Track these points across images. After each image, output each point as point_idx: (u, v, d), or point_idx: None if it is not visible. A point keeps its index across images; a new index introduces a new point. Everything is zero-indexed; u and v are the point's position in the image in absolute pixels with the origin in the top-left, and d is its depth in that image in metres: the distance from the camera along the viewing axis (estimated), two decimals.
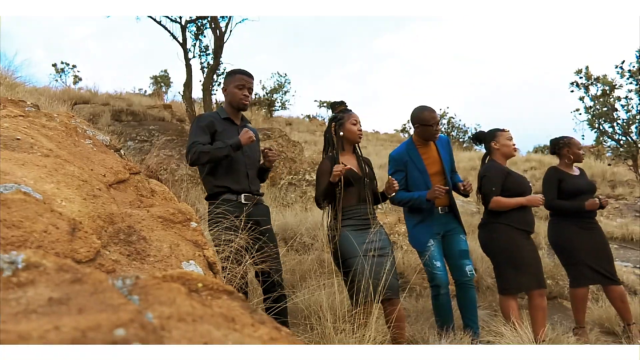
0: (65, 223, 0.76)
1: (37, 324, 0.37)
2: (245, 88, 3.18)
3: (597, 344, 3.97)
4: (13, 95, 4.39)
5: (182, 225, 1.10)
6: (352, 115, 3.36)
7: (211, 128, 3.08)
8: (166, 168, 7.36)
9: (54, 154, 1.08)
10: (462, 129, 24.32)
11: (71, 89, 14.27)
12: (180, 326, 0.45)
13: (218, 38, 9.43)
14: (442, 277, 3.55)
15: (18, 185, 0.78)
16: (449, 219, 3.70)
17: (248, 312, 0.59)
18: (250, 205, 3.05)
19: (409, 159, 3.69)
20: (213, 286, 0.64)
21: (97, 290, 0.46)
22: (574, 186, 4.06)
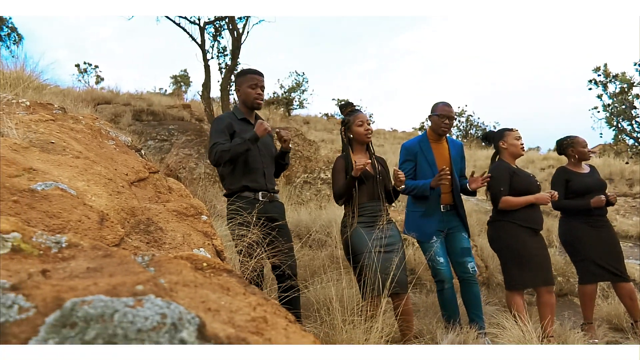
0: (95, 214, 0.92)
1: (81, 282, 0.52)
2: (257, 87, 3.26)
3: (605, 339, 4.04)
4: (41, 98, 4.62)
5: (194, 218, 1.25)
6: (357, 116, 3.46)
7: (230, 129, 3.19)
8: (185, 167, 7.58)
9: (84, 156, 1.24)
10: (480, 127, 24.17)
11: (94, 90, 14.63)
12: (184, 289, 0.59)
13: (235, 39, 9.63)
14: (446, 272, 3.66)
15: (56, 183, 0.94)
16: (452, 217, 3.80)
17: (242, 285, 0.74)
18: (267, 202, 3.19)
19: (419, 150, 3.80)
20: (215, 265, 0.79)
21: (122, 262, 0.60)
22: (582, 184, 4.11)
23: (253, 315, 0.60)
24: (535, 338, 2.97)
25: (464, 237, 3.78)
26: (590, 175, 4.21)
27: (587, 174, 4.21)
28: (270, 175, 3.32)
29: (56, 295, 0.47)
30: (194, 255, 0.77)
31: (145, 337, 0.44)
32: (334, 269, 4.46)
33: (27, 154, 1.07)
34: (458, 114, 24.47)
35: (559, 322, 4.16)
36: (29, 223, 0.78)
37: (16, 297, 0.47)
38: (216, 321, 0.53)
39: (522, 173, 3.84)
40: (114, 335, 0.43)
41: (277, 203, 3.33)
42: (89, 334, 0.43)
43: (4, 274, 0.54)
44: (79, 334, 0.43)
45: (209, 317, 0.53)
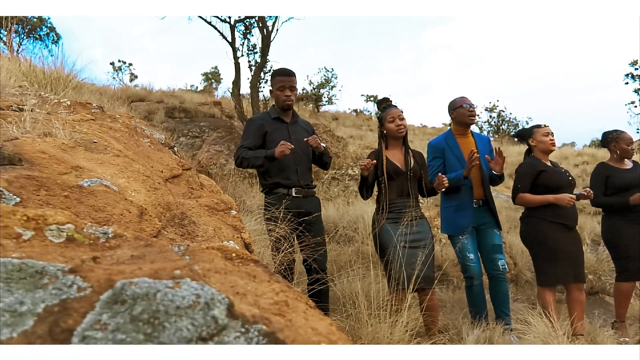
0: (136, 209, 1.01)
1: (127, 267, 0.60)
2: (286, 88, 3.40)
3: (636, 338, 3.99)
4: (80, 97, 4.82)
5: (224, 213, 1.34)
6: (389, 112, 3.51)
7: (261, 130, 3.37)
8: (216, 163, 7.75)
9: (123, 154, 1.34)
10: (512, 122, 23.72)
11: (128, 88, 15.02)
12: (216, 275, 0.67)
13: (265, 37, 9.76)
14: (475, 268, 3.68)
15: (100, 179, 1.04)
16: (483, 212, 3.80)
17: (268, 274, 0.81)
18: (300, 197, 3.33)
19: (446, 146, 3.84)
20: (244, 256, 0.86)
21: (162, 251, 0.69)
22: (622, 181, 4.04)
23: (276, 299, 0.67)
24: (560, 335, 2.97)
25: (495, 234, 3.78)
26: (631, 171, 4.10)
27: (629, 170, 4.12)
28: (304, 171, 3.42)
29: (108, 277, 0.55)
30: (224, 247, 0.85)
31: (183, 313, 0.52)
32: (360, 264, 4.53)
33: (73, 153, 1.17)
34: (489, 109, 24.07)
35: (589, 320, 4.12)
36: (78, 216, 0.87)
37: (75, 278, 0.56)
38: (243, 303, 0.61)
39: (551, 169, 3.79)
40: (156, 311, 0.51)
41: (312, 198, 3.44)
42: (136, 310, 0.51)
43: (61, 259, 0.63)
44: (127, 310, 0.51)
45: (237, 299, 0.61)
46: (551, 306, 3.60)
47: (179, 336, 0.50)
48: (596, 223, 7.73)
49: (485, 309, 3.77)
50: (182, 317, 0.51)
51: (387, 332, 2.90)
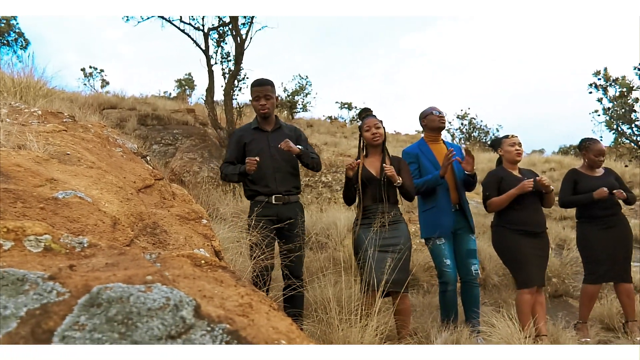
0: (109, 219, 1.06)
1: (103, 273, 0.66)
2: (260, 98, 3.52)
3: (597, 339, 4.14)
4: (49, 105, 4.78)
5: (195, 222, 1.39)
6: (366, 121, 3.65)
7: (240, 142, 3.54)
8: (189, 170, 7.74)
9: (96, 166, 1.39)
10: (483, 130, 24.14)
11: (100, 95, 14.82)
12: (185, 280, 0.73)
13: (239, 45, 9.79)
14: (451, 274, 3.76)
15: (74, 191, 1.09)
16: (459, 217, 3.90)
17: (234, 279, 0.88)
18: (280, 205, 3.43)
19: (420, 152, 3.96)
20: (212, 262, 0.92)
21: (134, 259, 0.74)
22: (588, 187, 4.21)
23: (241, 302, 0.74)
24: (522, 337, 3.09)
25: (470, 239, 3.89)
26: (601, 179, 4.25)
27: (598, 177, 4.27)
28: (284, 178, 3.50)
29: (85, 283, 0.61)
30: (194, 254, 0.91)
31: (154, 314, 0.58)
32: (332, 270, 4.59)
33: (48, 166, 1.22)
34: (461, 116, 24.48)
35: (552, 321, 4.26)
36: (54, 227, 0.92)
37: (54, 284, 0.61)
38: (210, 305, 0.67)
39: (511, 177, 3.94)
40: (130, 312, 0.57)
41: (293, 205, 3.51)
42: (111, 312, 0.57)
43: (40, 268, 0.69)
44: (103, 312, 0.57)
45: (204, 301, 0.67)
46: (521, 309, 3.73)
47: (150, 335, 0.56)
48: (561, 228, 7.98)
49: (456, 314, 3.87)
50: (153, 317, 0.58)
51: (358, 336, 2.96)
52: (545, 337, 3.72)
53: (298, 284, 3.36)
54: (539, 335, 3.71)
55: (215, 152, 9.46)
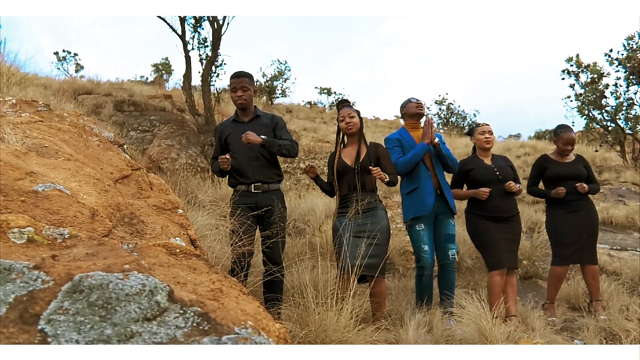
0: (87, 210, 1.11)
1: (84, 263, 0.72)
2: (237, 89, 3.59)
3: (563, 318, 4.31)
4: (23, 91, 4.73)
5: (171, 212, 1.45)
6: (341, 112, 3.80)
7: (222, 136, 3.69)
8: (167, 157, 7.72)
9: (74, 158, 1.43)
10: (460, 115, 24.41)
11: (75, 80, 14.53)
12: (160, 268, 0.80)
13: (216, 31, 9.71)
14: (428, 259, 3.87)
15: (54, 184, 1.14)
16: (440, 201, 4.00)
17: (207, 267, 0.94)
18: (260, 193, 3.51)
19: (401, 138, 4.06)
20: (187, 251, 0.99)
21: (113, 249, 0.81)
22: (554, 173, 4.38)
23: (212, 287, 0.81)
24: (490, 317, 3.22)
25: (450, 224, 3.99)
26: (569, 165, 4.41)
27: (566, 164, 4.42)
28: (261, 167, 3.56)
29: (68, 272, 0.67)
30: (169, 243, 0.97)
31: (131, 299, 0.65)
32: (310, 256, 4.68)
33: (26, 159, 1.26)
34: (439, 102, 24.70)
35: (522, 302, 4.44)
36: (35, 219, 0.97)
37: (39, 273, 0.68)
38: (183, 290, 0.74)
39: (479, 167, 4.11)
40: (109, 297, 0.64)
41: (272, 193, 3.56)
42: (92, 297, 0.64)
43: (24, 258, 0.74)
44: (85, 297, 0.64)
45: (177, 287, 0.74)
46: (492, 290, 3.89)
47: (128, 317, 0.63)
48: (533, 211, 8.20)
49: (431, 297, 4.00)
50: (130, 302, 0.64)
51: (334, 319, 3.05)
52: (515, 318, 3.88)
53: (276, 269, 3.44)
54: (508, 315, 3.88)
55: (193, 138, 9.43)
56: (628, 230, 7.94)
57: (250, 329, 0.68)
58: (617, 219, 8.23)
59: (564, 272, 4.41)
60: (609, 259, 6.22)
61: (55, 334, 0.60)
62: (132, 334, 0.62)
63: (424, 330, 3.48)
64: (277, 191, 3.64)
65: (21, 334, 0.59)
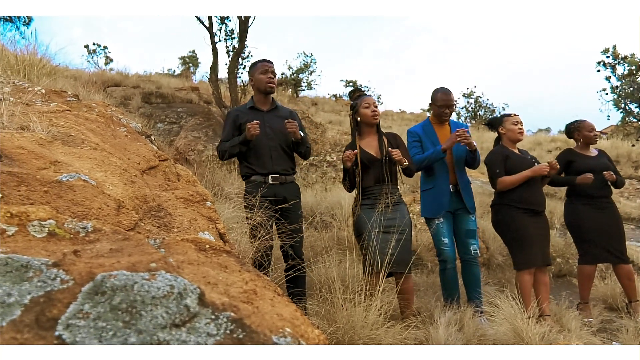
0: (113, 202, 1.05)
1: (107, 260, 0.66)
2: (269, 72, 3.48)
3: (600, 319, 4.16)
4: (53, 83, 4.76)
5: (200, 204, 1.39)
6: (364, 99, 3.59)
7: (236, 122, 3.48)
8: (193, 149, 7.73)
9: (100, 148, 1.38)
10: (489, 109, 24.03)
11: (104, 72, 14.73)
12: (189, 267, 0.73)
13: (242, 22, 9.68)
14: (449, 252, 3.79)
15: (78, 174, 1.08)
16: (458, 197, 3.90)
17: (239, 264, 0.87)
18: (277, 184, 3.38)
19: (423, 134, 3.93)
20: (217, 247, 0.92)
21: (139, 244, 0.74)
22: (585, 166, 4.21)
23: (245, 288, 0.73)
24: (525, 317, 3.10)
25: (470, 219, 3.89)
26: (596, 159, 4.28)
27: (593, 157, 4.29)
28: (280, 158, 3.46)
29: (89, 271, 0.61)
30: (198, 238, 0.91)
31: (158, 302, 0.58)
32: (337, 250, 4.61)
33: (51, 148, 1.21)
34: (467, 95, 24.30)
35: (556, 301, 4.28)
36: (58, 210, 0.91)
37: (58, 271, 0.61)
38: (214, 292, 0.67)
39: (515, 156, 3.93)
40: (134, 300, 0.57)
41: (290, 185, 3.48)
42: (115, 300, 0.57)
43: (44, 254, 0.68)
44: (107, 300, 0.57)
45: (208, 288, 0.67)
46: (525, 290, 3.73)
47: (155, 323, 0.56)
48: None
49: (457, 292, 3.89)
50: (157, 306, 0.57)
51: (362, 315, 2.98)
52: (549, 317, 3.74)
53: (301, 264, 3.37)
54: (542, 315, 3.73)
55: (220, 130, 9.43)
56: None
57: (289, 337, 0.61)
58: None
59: (594, 271, 4.25)
60: None
61: (74, 340, 0.53)
62: (159, 342, 0.55)
63: (454, 329, 3.38)
64: (293, 183, 3.56)
65: (37, 340, 0.52)
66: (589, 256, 4.17)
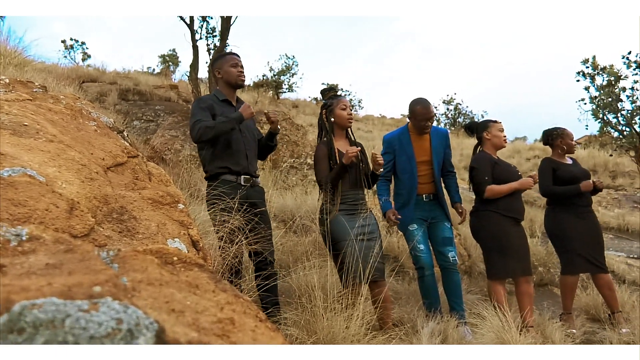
0: (65, 203, 0.88)
1: (36, 281, 0.49)
2: (239, 65, 3.27)
3: (582, 330, 4.09)
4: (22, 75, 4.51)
5: (170, 207, 1.22)
6: (340, 100, 3.44)
7: (212, 110, 3.13)
8: (170, 148, 7.49)
9: (57, 140, 1.20)
10: (468, 116, 24.29)
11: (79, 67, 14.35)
12: (148, 288, 0.57)
13: (225, 20, 9.47)
14: (426, 259, 3.69)
15: (24, 168, 0.91)
16: (434, 206, 3.83)
17: (213, 281, 0.71)
18: (249, 187, 3.14)
19: (398, 144, 3.82)
20: (187, 259, 0.76)
21: (84, 259, 0.58)
22: (569, 174, 4.17)
23: (220, 317, 0.58)
24: (514, 328, 3.00)
25: (446, 227, 3.82)
26: (575, 166, 4.28)
27: (572, 165, 4.28)
28: (253, 158, 3.27)
29: (6, 297, 0.45)
30: (164, 249, 0.74)
31: (99, 343, 0.42)
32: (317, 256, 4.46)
33: None
34: (447, 101, 24.49)
35: (538, 312, 4.21)
36: None
37: None
38: (179, 324, 0.51)
39: (503, 163, 3.90)
40: (64, 342, 0.41)
41: (258, 188, 3.29)
42: (37, 341, 0.41)
43: None
44: (27, 341, 0.41)
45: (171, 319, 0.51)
46: (501, 299, 3.66)
47: None
48: None
49: (438, 301, 3.80)
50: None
51: (343, 325, 2.85)
52: (532, 329, 3.66)
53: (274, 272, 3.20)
54: (526, 326, 3.65)
55: None
56: None
57: None
58: (633, 226, 7.98)
59: (576, 281, 4.22)
60: (627, 268, 5.99)
61: None
62: None
63: (438, 340, 3.27)
64: (260, 186, 3.36)
65: None
66: (571, 266, 4.13)
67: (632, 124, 10.92)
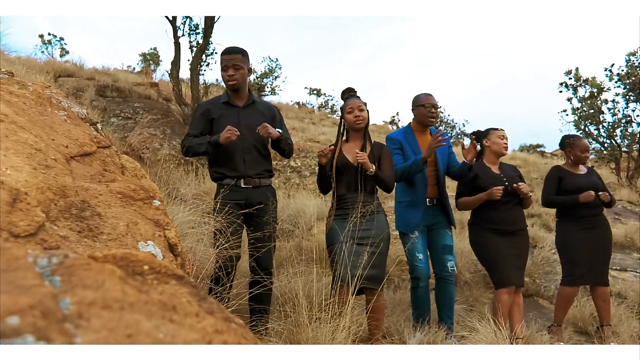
0: (6, 193, 0.69)
1: None
2: (228, 67, 3.11)
3: (570, 343, 4.00)
4: None
5: (144, 203, 1.02)
6: (349, 102, 3.33)
7: (208, 116, 3.14)
8: (149, 147, 7.22)
9: (9, 120, 0.99)
10: (450, 124, 24.47)
11: (55, 61, 13.92)
12: (103, 314, 0.38)
13: (208, 17, 9.23)
14: (423, 269, 3.54)
15: None
16: (437, 212, 3.68)
17: (196, 300, 0.53)
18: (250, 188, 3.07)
19: (404, 141, 3.68)
20: (161, 270, 0.57)
21: (8, 269, 0.39)
22: (573, 185, 4.08)
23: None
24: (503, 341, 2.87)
25: (447, 234, 3.68)
26: (585, 177, 4.15)
27: (582, 175, 4.16)
28: (253, 161, 3.13)
29: None
30: (131, 255, 0.56)
31: None
32: (300, 261, 4.28)
33: None
34: None
35: (526, 323, 4.11)
36: None
37: None
38: None
39: (485, 175, 3.77)
40: None
41: (264, 188, 3.16)
42: None
43: None
44: None
45: None
46: (502, 309, 3.58)
47: None
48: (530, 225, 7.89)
49: (428, 312, 3.66)
50: None
51: (329, 336, 2.69)
52: (521, 341, 3.57)
53: (269, 279, 3.03)
54: (515, 337, 3.55)
55: (179, 129, 8.91)
56: (627, 250, 7.66)
57: None
58: (616, 238, 7.90)
59: (575, 293, 4.12)
60: (612, 280, 5.92)
61: None
62: None
63: None
64: (269, 187, 3.23)
65: None
66: (572, 278, 4.05)
67: (613, 136, 11.03)
